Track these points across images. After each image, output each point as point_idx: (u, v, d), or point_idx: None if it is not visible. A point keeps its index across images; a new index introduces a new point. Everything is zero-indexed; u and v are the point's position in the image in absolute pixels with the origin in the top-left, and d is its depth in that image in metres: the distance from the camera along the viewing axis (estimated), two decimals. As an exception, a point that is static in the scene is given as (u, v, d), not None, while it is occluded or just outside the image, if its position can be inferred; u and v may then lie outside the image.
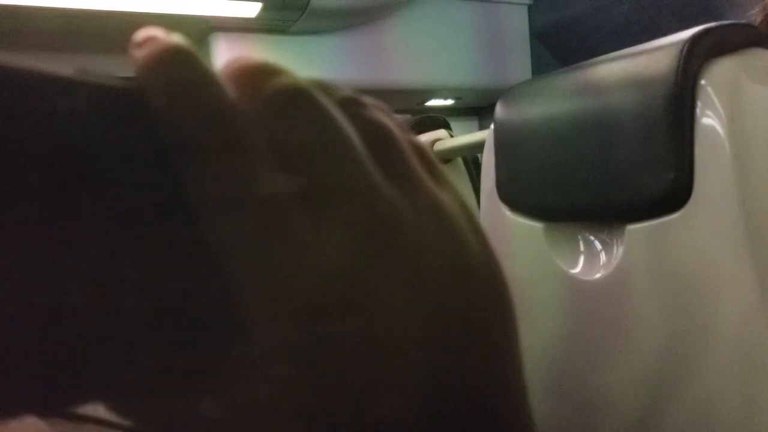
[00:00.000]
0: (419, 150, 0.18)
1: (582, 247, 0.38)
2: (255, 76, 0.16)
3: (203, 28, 1.90)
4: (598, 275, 0.36)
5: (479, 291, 0.17)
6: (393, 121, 0.17)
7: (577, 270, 0.38)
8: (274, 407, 0.14)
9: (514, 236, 0.42)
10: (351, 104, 0.17)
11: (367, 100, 0.18)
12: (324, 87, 0.17)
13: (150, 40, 0.15)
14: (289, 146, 0.15)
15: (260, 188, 0.14)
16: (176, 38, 0.15)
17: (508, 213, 0.42)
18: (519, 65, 2.44)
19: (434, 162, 0.18)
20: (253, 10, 1.80)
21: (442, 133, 0.76)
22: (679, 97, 0.31)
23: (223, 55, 1.91)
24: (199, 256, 0.14)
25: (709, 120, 0.31)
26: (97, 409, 0.14)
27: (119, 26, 1.71)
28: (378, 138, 0.16)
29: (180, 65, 0.15)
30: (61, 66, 0.14)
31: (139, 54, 0.15)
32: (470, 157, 0.77)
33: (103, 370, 0.13)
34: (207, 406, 0.15)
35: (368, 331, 0.15)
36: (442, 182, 0.18)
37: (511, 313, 0.18)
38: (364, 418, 0.15)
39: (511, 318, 0.18)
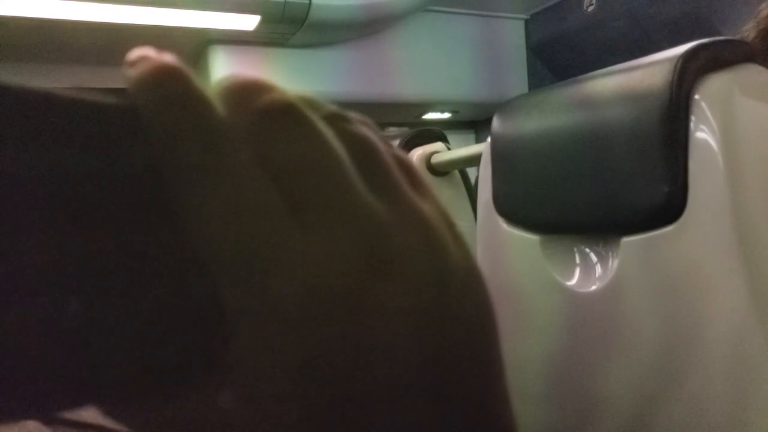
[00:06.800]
0: (402, 163, 0.18)
1: (578, 260, 0.38)
2: (245, 92, 0.16)
3: (202, 41, 1.91)
4: (593, 287, 0.36)
5: (461, 299, 0.17)
6: (377, 136, 0.18)
7: (573, 282, 0.38)
8: (267, 417, 0.14)
9: (510, 248, 0.42)
10: (337, 119, 0.17)
11: (353, 115, 0.18)
12: (311, 102, 0.17)
13: (143, 59, 0.15)
14: (279, 161, 0.15)
15: (251, 203, 0.15)
16: (168, 57, 0.15)
17: (504, 225, 0.42)
18: (515, 79, 2.45)
19: (417, 174, 0.19)
20: (251, 23, 1.81)
21: (439, 146, 0.77)
22: (674, 112, 0.31)
23: (221, 67, 1.92)
24: (191, 266, 0.14)
25: (702, 134, 0.31)
26: (93, 415, 0.14)
27: (120, 39, 1.72)
28: (363, 152, 0.17)
29: (171, 84, 0.15)
30: (56, 83, 0.14)
31: (132, 73, 0.15)
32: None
33: (98, 374, 0.13)
34: (201, 412, 0.15)
35: (357, 340, 0.15)
36: (425, 194, 0.18)
37: (493, 321, 0.18)
38: (355, 428, 0.15)
39: (493, 325, 0.18)
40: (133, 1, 1.57)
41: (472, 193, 0.77)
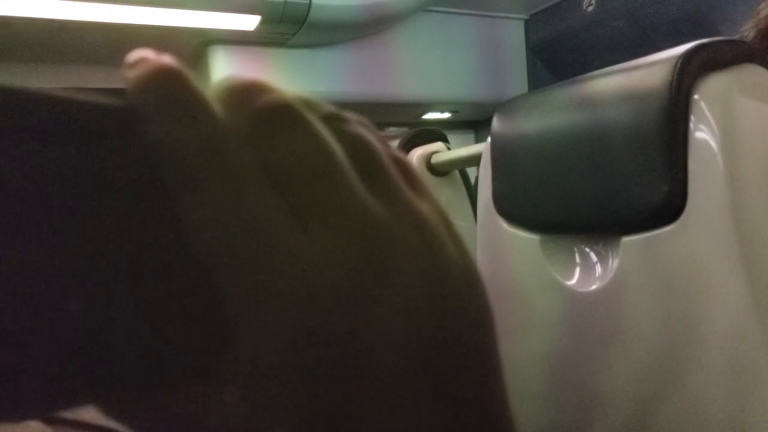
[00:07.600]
0: (400, 163, 0.18)
1: (578, 259, 0.38)
2: (243, 94, 0.16)
3: (202, 41, 1.91)
4: (593, 287, 0.36)
5: (459, 298, 0.17)
6: (374, 136, 0.18)
7: (573, 281, 0.38)
8: (268, 416, 0.15)
9: (511, 248, 0.42)
10: (335, 120, 0.17)
11: (350, 115, 0.18)
12: (309, 103, 0.17)
13: (142, 60, 0.15)
14: (278, 162, 0.16)
15: (250, 204, 0.15)
16: (167, 59, 0.15)
17: (504, 225, 0.42)
18: (515, 79, 2.46)
19: (415, 174, 0.19)
20: (251, 23, 1.81)
21: (439, 145, 0.77)
22: (673, 112, 0.31)
23: (221, 67, 1.92)
24: (191, 266, 0.14)
25: (702, 134, 0.31)
26: (94, 415, 0.14)
27: (120, 39, 1.72)
28: (360, 152, 0.17)
29: (170, 86, 0.15)
30: (56, 83, 0.14)
31: (132, 74, 0.15)
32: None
33: (99, 374, 0.13)
34: (201, 412, 0.15)
35: (357, 340, 0.15)
36: (423, 193, 0.18)
37: (491, 320, 0.18)
38: (354, 426, 0.15)
39: (491, 324, 0.18)
40: (134, 1, 1.57)
41: (472, 193, 0.77)
